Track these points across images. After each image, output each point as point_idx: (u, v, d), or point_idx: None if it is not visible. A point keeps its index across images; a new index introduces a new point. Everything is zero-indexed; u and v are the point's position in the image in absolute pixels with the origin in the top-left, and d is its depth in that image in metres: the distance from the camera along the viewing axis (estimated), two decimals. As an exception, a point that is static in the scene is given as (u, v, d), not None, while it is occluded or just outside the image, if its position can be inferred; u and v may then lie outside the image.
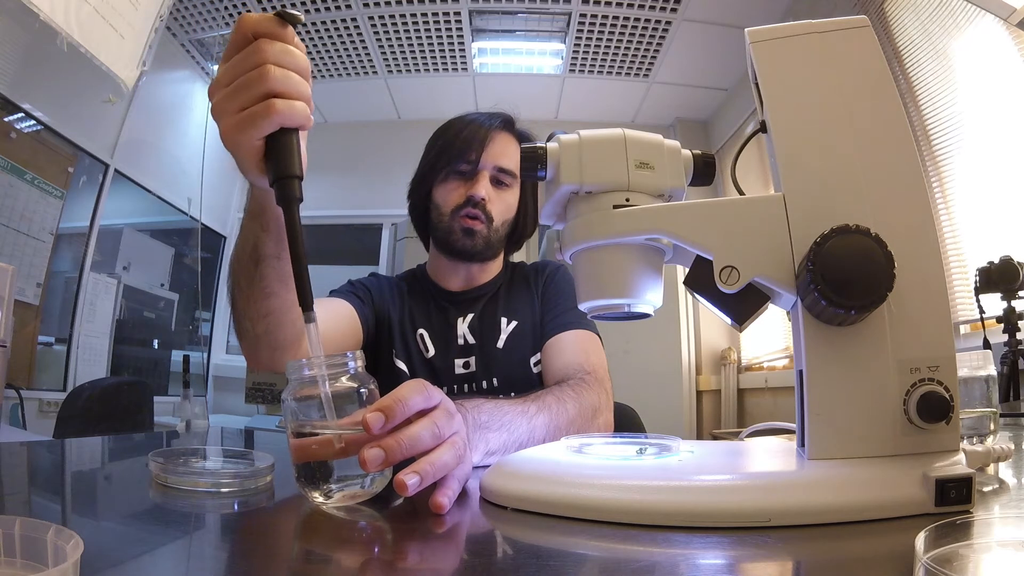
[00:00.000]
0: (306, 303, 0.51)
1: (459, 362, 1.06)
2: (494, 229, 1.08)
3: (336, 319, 1.01)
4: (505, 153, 1.08)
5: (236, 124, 0.54)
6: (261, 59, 0.53)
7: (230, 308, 0.76)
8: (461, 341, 1.07)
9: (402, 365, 1.07)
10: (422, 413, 0.51)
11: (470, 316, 1.09)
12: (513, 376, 1.04)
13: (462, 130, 1.08)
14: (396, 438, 0.47)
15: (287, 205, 0.53)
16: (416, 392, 0.50)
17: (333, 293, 1.09)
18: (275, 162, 0.54)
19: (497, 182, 1.08)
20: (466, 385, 1.05)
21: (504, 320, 1.09)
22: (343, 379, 0.49)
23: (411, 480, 0.45)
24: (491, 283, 1.15)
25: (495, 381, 1.05)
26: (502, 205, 1.09)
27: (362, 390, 0.50)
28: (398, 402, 0.48)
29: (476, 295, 1.13)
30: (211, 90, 0.56)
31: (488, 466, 0.55)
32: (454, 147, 1.07)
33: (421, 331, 1.09)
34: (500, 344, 1.07)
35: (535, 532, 0.43)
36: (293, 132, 0.54)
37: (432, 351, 1.07)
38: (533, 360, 1.08)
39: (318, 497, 0.47)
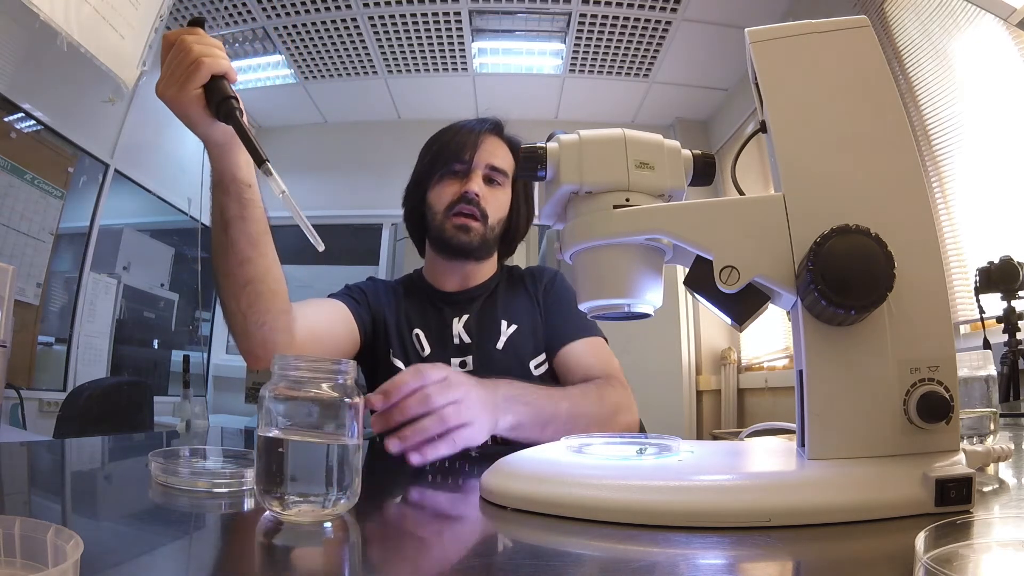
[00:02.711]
0: (259, 158, 0.65)
1: (455, 361, 1.08)
2: (490, 227, 1.10)
3: (333, 319, 1.03)
4: (496, 154, 1.13)
5: (177, 84, 0.69)
6: (184, 45, 0.69)
7: (220, 305, 0.82)
8: (457, 340, 1.09)
9: (400, 364, 1.08)
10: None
11: (466, 316, 1.11)
12: (512, 377, 1.05)
13: (455, 135, 1.13)
14: (390, 411, 0.65)
15: (229, 113, 0.68)
16: (410, 375, 0.67)
17: (331, 296, 1.10)
18: (215, 94, 0.70)
19: (490, 180, 1.12)
20: None
21: (504, 323, 1.10)
22: (325, 385, 0.46)
23: (393, 445, 0.63)
24: (486, 284, 1.16)
25: None
26: (495, 203, 1.12)
27: (345, 400, 0.46)
28: (394, 385, 0.66)
29: (472, 295, 1.14)
30: (156, 86, 0.71)
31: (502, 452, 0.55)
32: (448, 150, 1.11)
33: (417, 331, 1.10)
34: (500, 345, 1.08)
35: (535, 532, 0.43)
36: (222, 78, 0.70)
37: (428, 350, 1.08)
38: (533, 363, 1.09)
39: (276, 507, 0.44)
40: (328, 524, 0.43)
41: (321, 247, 0.65)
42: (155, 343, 3.44)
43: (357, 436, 0.45)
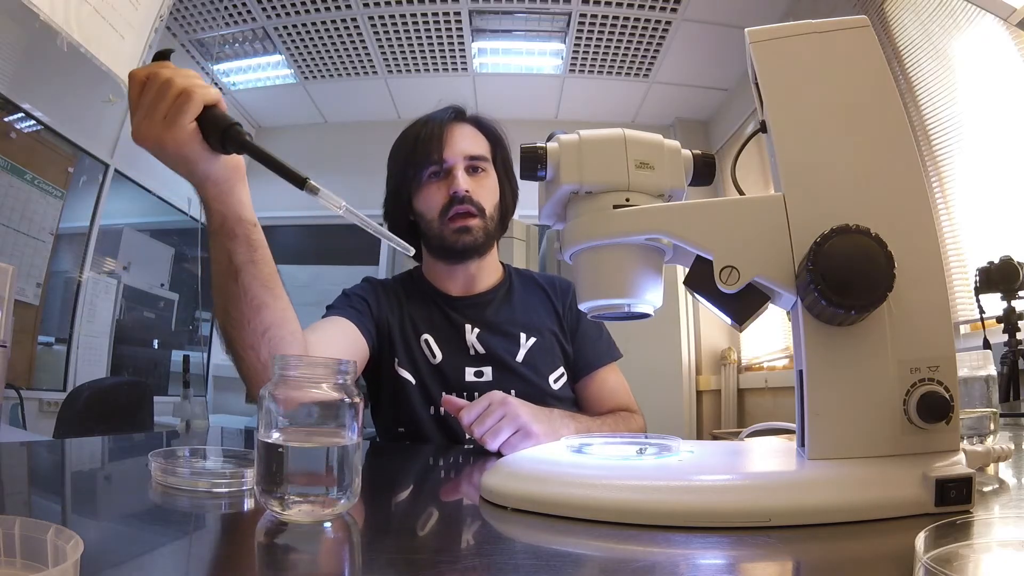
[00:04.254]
0: (298, 179, 0.59)
1: (471, 370, 1.04)
2: (489, 218, 1.07)
3: (344, 343, 0.97)
4: (469, 140, 1.08)
5: (168, 122, 0.62)
6: (160, 80, 0.62)
7: (230, 357, 0.74)
8: (472, 352, 1.05)
9: (406, 374, 1.03)
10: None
11: (479, 326, 1.07)
12: (531, 390, 1.03)
13: (418, 133, 1.08)
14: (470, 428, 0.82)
15: (243, 142, 0.62)
16: (471, 408, 0.83)
17: (330, 309, 1.05)
18: (216, 123, 0.63)
19: (473, 170, 1.07)
20: (476, 392, 1.01)
21: (523, 335, 1.08)
22: (325, 385, 0.46)
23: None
24: (495, 289, 1.13)
25: (513, 392, 1.01)
26: (485, 191, 1.07)
27: (345, 400, 0.46)
28: (464, 411, 0.83)
29: (480, 301, 1.11)
30: (133, 130, 0.64)
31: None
32: (416, 152, 1.06)
33: (425, 336, 1.06)
34: (519, 358, 1.06)
35: (535, 532, 0.43)
36: (215, 106, 0.63)
37: (440, 356, 1.04)
38: (552, 376, 1.07)
39: (276, 507, 0.44)
40: (328, 524, 0.43)
41: (411, 252, 0.63)
42: (155, 343, 3.44)
43: (357, 436, 0.45)
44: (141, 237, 3.35)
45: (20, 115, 2.47)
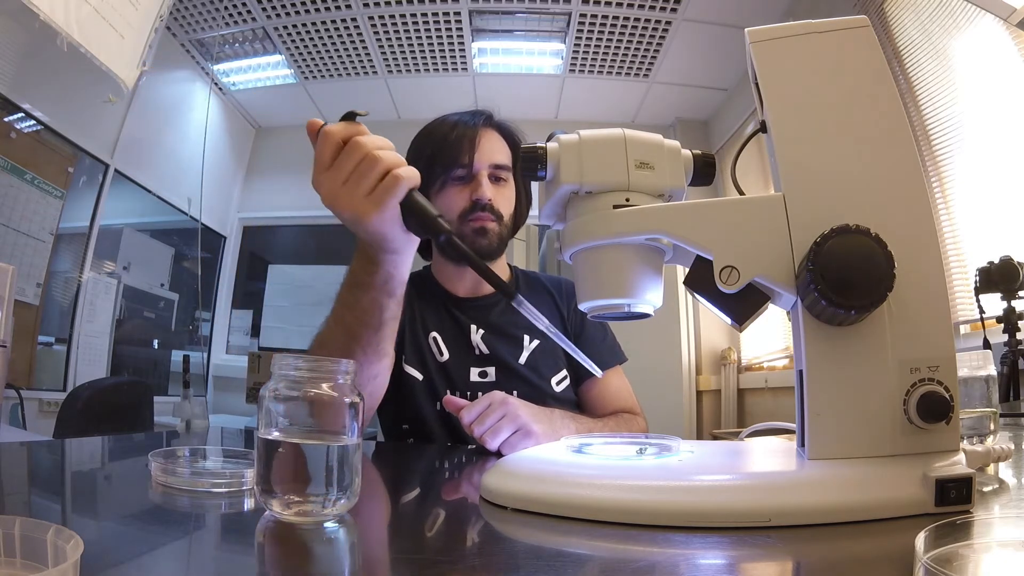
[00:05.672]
0: (509, 292, 0.61)
1: (475, 371, 1.06)
2: (505, 225, 1.08)
3: None
4: (496, 149, 1.08)
5: (374, 201, 0.63)
6: (365, 150, 0.63)
7: None
8: (477, 352, 1.07)
9: (413, 372, 1.05)
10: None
11: (484, 327, 1.08)
12: (533, 392, 1.03)
13: (448, 134, 1.07)
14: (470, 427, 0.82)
15: (452, 241, 0.63)
16: (471, 407, 0.83)
17: None
18: (422, 212, 0.64)
19: (496, 179, 1.08)
20: (479, 392, 1.02)
21: (527, 338, 1.09)
22: (325, 385, 0.46)
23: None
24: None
25: (515, 393, 1.01)
26: (505, 200, 1.08)
27: (345, 400, 0.46)
28: (465, 410, 0.83)
29: (486, 303, 1.12)
30: (320, 183, 0.65)
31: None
32: (444, 153, 1.06)
33: (433, 334, 1.08)
34: (522, 360, 1.07)
35: (535, 532, 0.43)
36: (416, 190, 0.64)
37: (446, 355, 1.06)
38: (555, 379, 1.08)
39: (276, 507, 0.44)
40: (328, 524, 0.43)
41: (600, 374, 0.69)
42: (155, 343, 3.44)
43: (357, 436, 0.45)
44: (141, 237, 3.35)
45: (20, 115, 2.47)
